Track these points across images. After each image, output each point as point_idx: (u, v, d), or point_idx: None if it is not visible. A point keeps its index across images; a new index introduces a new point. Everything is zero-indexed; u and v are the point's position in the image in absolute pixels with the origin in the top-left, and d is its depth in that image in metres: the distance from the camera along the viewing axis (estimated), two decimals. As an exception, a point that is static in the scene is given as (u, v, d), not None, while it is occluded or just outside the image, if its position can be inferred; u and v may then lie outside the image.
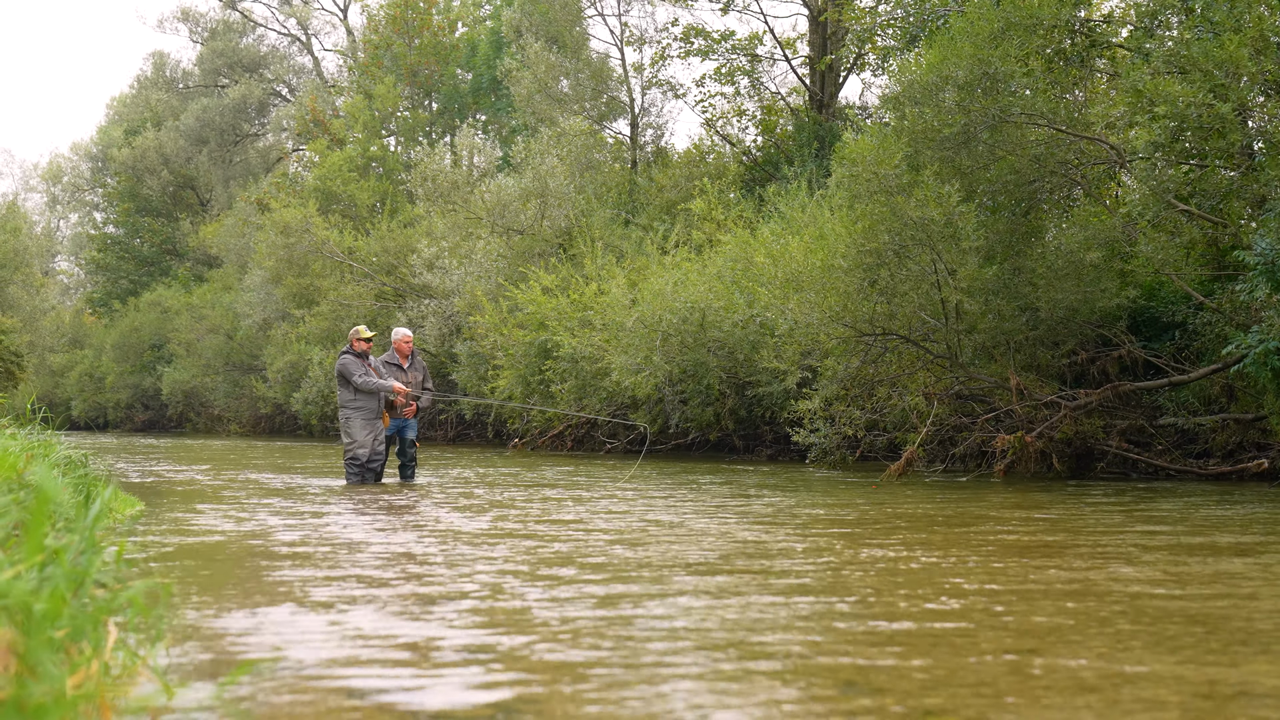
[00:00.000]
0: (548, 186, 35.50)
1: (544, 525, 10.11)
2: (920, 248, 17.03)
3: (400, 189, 48.52)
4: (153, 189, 68.26)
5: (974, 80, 16.76)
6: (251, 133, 68.46)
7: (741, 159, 39.00)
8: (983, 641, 5.07)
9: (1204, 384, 17.37)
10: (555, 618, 5.57)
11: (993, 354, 18.09)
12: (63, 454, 10.93)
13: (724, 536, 9.14)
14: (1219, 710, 3.97)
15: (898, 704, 4.01)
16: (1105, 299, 17.48)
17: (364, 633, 5.18)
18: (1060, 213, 18.45)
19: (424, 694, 4.11)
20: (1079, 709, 3.95)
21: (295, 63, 70.30)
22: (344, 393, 15.50)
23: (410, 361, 16.18)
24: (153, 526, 9.62)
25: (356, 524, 10.36)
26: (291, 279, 44.57)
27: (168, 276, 67.41)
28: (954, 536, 9.29)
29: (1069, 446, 17.50)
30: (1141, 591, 6.47)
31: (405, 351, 16.08)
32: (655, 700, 4.04)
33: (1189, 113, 15.17)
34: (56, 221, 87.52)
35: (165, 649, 4.61)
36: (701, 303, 24.35)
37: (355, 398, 15.46)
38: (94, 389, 65.00)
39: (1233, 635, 5.27)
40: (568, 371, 27.87)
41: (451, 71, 54.40)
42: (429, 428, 39.90)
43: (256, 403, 50.63)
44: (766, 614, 5.70)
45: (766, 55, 39.72)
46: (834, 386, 19.15)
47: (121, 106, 74.96)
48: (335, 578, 6.87)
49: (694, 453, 27.21)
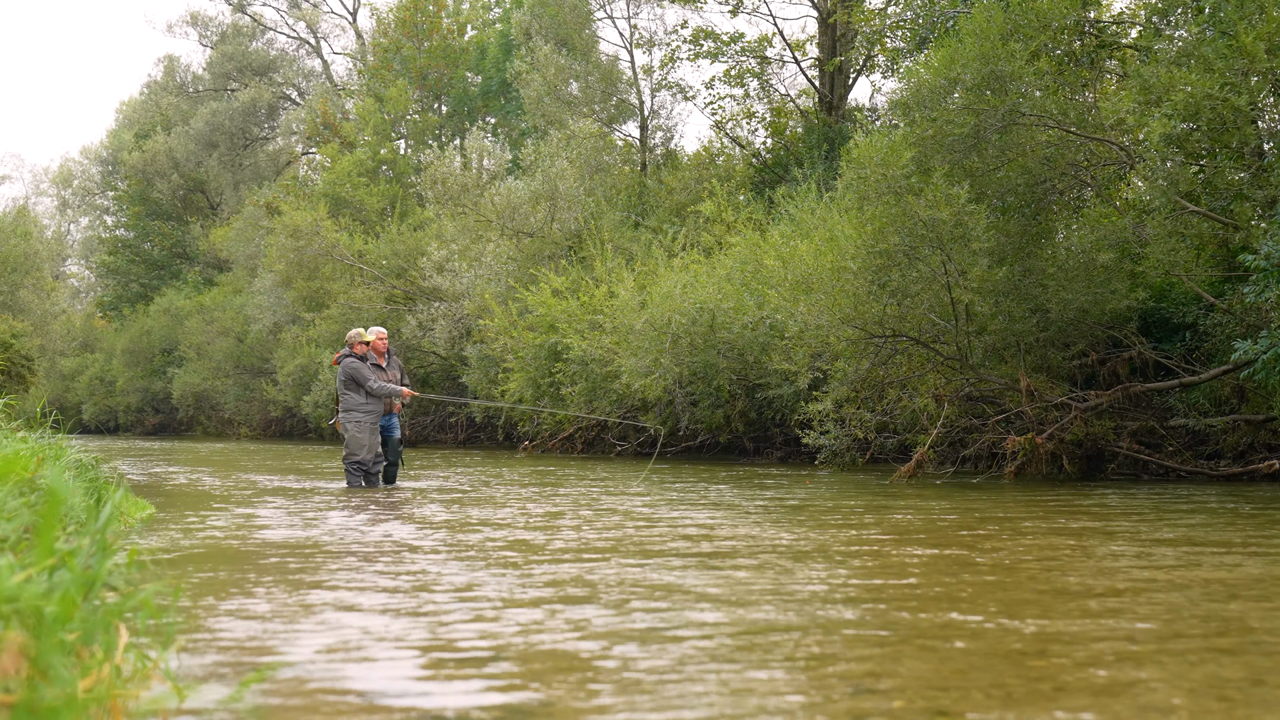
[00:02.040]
0: (557, 189, 35.53)
1: (555, 529, 10.11)
2: (930, 249, 17.00)
3: (410, 192, 48.56)
4: (163, 193, 68.38)
5: (983, 81, 16.73)
6: (261, 136, 68.52)
7: (751, 161, 39.01)
8: (996, 642, 5.06)
9: (1215, 385, 17.34)
10: (568, 622, 5.57)
11: (1003, 355, 18.06)
12: (73, 457, 10.95)
13: (736, 537, 9.14)
14: (1229, 713, 3.97)
15: (909, 704, 4.00)
16: (1116, 300, 17.46)
17: (375, 635, 5.19)
18: (1070, 214, 18.42)
19: (436, 697, 4.11)
20: (1092, 710, 3.94)
21: (304, 66, 70.37)
22: (353, 396, 15.47)
23: (388, 360, 16.18)
24: (164, 529, 9.64)
25: (365, 527, 10.37)
26: (301, 282, 44.61)
27: (178, 280, 67.50)
28: (967, 539, 9.28)
29: (1080, 448, 17.46)
30: (1155, 591, 6.46)
31: (382, 350, 16.04)
32: (665, 701, 4.04)
33: (1203, 104, 15.13)
34: (67, 225, 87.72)
35: (177, 652, 4.62)
36: (711, 304, 24.35)
37: (366, 401, 15.47)
38: (104, 393, 65.14)
39: (1247, 636, 5.26)
40: (578, 374, 27.88)
41: (461, 74, 54.44)
42: (439, 431, 39.94)
43: (267, 406, 50.68)
44: (780, 615, 5.70)
45: (776, 57, 39.73)
46: (844, 388, 19.12)
47: (131, 110, 75.11)
48: (346, 581, 6.87)
49: (704, 455, 27.20)
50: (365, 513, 11.84)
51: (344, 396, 15.54)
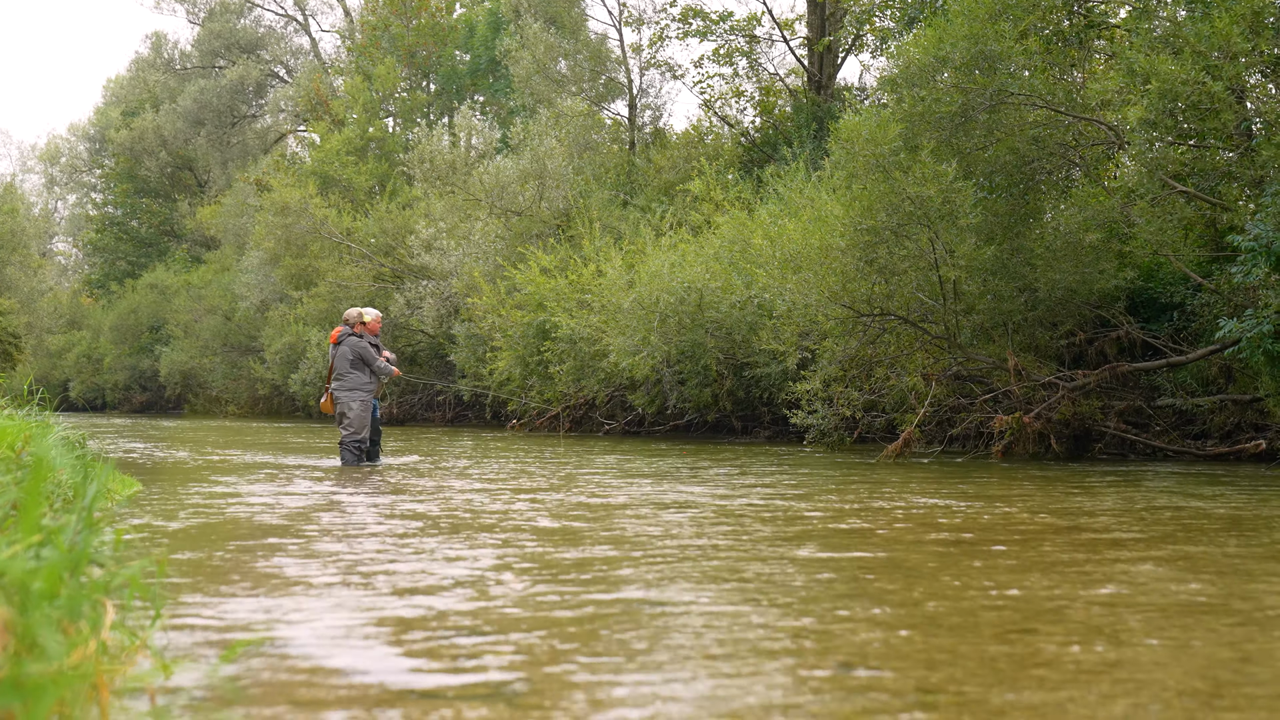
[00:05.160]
0: (546, 168, 35.51)
1: (548, 506, 10.11)
2: (918, 226, 17.01)
3: (398, 170, 48.46)
4: (150, 170, 68.15)
5: (971, 61, 16.72)
6: (249, 114, 68.28)
7: (739, 140, 38.98)
8: (984, 619, 5.08)
9: (1202, 365, 17.38)
10: (555, 599, 5.57)
11: (991, 335, 18.08)
12: (60, 435, 10.92)
13: (718, 512, 9.15)
14: (1216, 694, 3.98)
15: (896, 683, 4.01)
16: (1103, 280, 17.50)
17: (362, 612, 5.18)
18: (1058, 193, 18.43)
19: (420, 675, 4.11)
20: (1079, 688, 3.95)
21: (293, 43, 70.16)
22: (358, 375, 15.44)
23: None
24: (151, 507, 9.62)
25: (355, 505, 10.36)
26: (289, 260, 44.53)
27: (166, 258, 67.30)
28: (956, 518, 9.30)
29: (1067, 427, 17.50)
30: (1147, 577, 6.48)
31: (375, 332, 16.03)
32: (654, 678, 4.04)
33: (1181, 90, 15.14)
34: (54, 203, 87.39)
35: (163, 628, 4.61)
36: (699, 284, 24.36)
37: (370, 381, 15.48)
38: (92, 370, 65.02)
39: (1236, 619, 5.27)
40: (566, 352, 27.89)
41: (449, 52, 54.29)
42: (426, 410, 39.94)
43: (254, 384, 50.58)
44: (764, 592, 5.71)
45: (765, 36, 39.69)
46: (832, 367, 19.13)
47: (119, 88, 74.78)
48: (333, 558, 6.87)
49: (692, 434, 27.22)
50: (358, 491, 11.83)
51: (348, 375, 15.45)
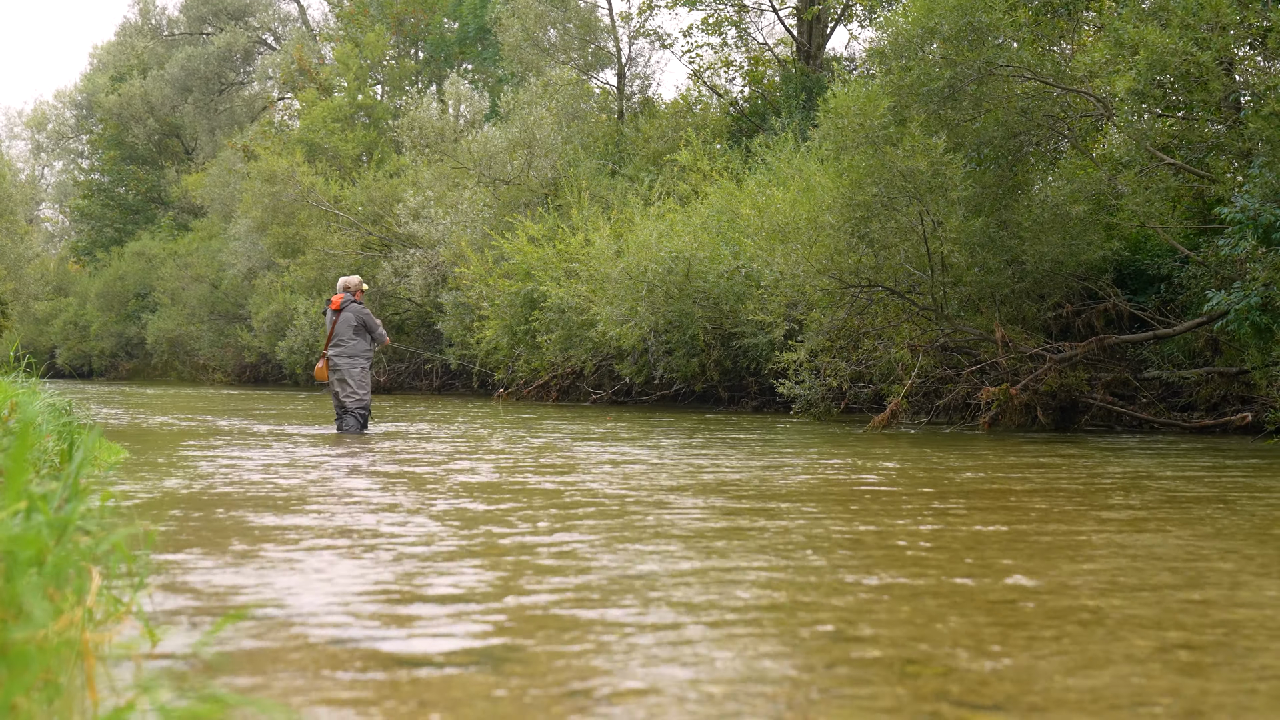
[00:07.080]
0: (534, 137, 35.43)
1: (540, 474, 10.12)
2: (907, 199, 17.01)
3: (386, 138, 48.29)
4: (138, 137, 67.78)
5: (960, 32, 16.69)
6: (237, 81, 67.93)
7: (728, 110, 38.91)
8: (972, 592, 5.09)
9: (1189, 337, 17.42)
10: (551, 565, 5.58)
11: (978, 306, 18.10)
12: (46, 401, 10.90)
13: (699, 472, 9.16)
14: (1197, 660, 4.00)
15: (881, 653, 4.02)
16: (1091, 252, 17.52)
17: (351, 580, 5.19)
18: (1046, 166, 18.42)
19: (410, 641, 4.12)
20: (1064, 657, 3.97)
21: (280, 10, 69.69)
22: (361, 342, 15.51)
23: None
24: (138, 474, 9.61)
25: (346, 472, 10.36)
26: (277, 228, 44.37)
27: (153, 225, 67.02)
28: (944, 490, 9.32)
29: (1053, 399, 17.55)
30: (1128, 545, 6.50)
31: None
32: (639, 646, 4.05)
33: (1170, 61, 15.11)
34: (41, 169, 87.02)
35: (149, 595, 4.61)
36: (687, 253, 24.34)
37: (370, 347, 15.59)
38: (78, 337, 64.81)
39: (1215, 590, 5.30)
40: (554, 322, 27.88)
41: (438, 20, 54.06)
42: (414, 378, 39.90)
43: (241, 352, 50.42)
44: (750, 562, 5.72)
45: (754, 5, 39.57)
46: (819, 338, 19.15)
47: (106, 54, 74.35)
48: (323, 525, 6.87)
49: (679, 404, 27.24)
50: (350, 458, 11.83)
51: (349, 341, 15.47)
